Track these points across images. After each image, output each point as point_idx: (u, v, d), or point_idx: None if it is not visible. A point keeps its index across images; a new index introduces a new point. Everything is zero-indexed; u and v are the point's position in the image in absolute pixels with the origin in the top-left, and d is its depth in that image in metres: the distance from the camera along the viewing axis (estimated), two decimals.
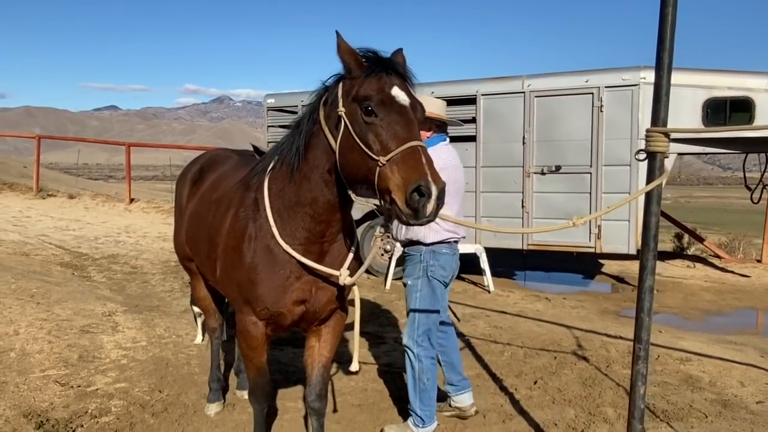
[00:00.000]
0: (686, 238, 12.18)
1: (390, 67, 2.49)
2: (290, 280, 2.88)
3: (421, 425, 3.79)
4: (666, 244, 13.02)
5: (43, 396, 4.33)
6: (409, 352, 3.86)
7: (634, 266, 9.78)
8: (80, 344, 5.32)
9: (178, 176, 4.44)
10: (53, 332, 5.52)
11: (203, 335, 5.61)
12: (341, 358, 4.83)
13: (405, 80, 2.52)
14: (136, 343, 5.52)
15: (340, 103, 2.51)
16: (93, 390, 4.46)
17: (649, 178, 2.75)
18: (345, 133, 2.48)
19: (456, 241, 4.07)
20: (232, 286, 3.09)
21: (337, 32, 2.52)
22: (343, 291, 3.02)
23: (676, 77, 8.58)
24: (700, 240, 11.74)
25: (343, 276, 2.86)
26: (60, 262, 9.10)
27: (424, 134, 3.93)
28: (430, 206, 2.24)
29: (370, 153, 2.36)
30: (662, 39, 2.67)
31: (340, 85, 2.57)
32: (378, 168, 2.33)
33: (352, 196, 2.63)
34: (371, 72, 2.45)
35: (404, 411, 4.30)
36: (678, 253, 12.06)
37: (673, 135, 7.99)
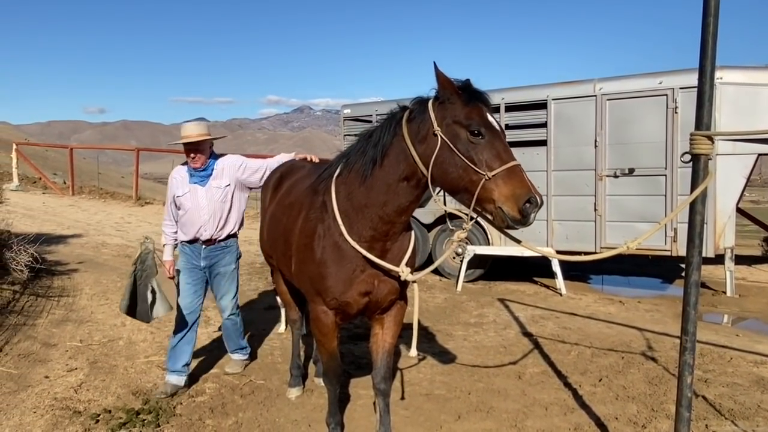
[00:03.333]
0: None
1: (484, 99, 2.92)
2: (356, 273, 3.26)
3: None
4: (753, 248, 12.46)
5: (147, 378, 4.93)
6: (237, 317, 5.13)
7: (718, 271, 9.51)
8: None
9: (263, 183, 4.93)
10: (154, 324, 6.14)
11: (286, 325, 6.09)
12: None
13: (491, 109, 2.95)
14: None
15: (434, 123, 2.90)
16: (189, 374, 5.00)
17: (694, 180, 2.90)
18: (444, 148, 2.86)
19: None
20: (305, 280, 3.51)
21: (434, 63, 2.92)
22: (402, 283, 3.36)
23: (758, 76, 8.39)
24: None
25: (405, 272, 3.21)
26: (158, 264, 9.94)
27: (204, 156, 4.73)
28: (534, 215, 2.69)
29: (475, 168, 2.77)
30: (704, 47, 2.83)
31: (430, 107, 2.95)
32: (483, 181, 2.73)
33: (438, 203, 3.07)
34: (471, 100, 2.87)
35: (470, 402, 4.57)
36: (767, 258, 11.54)
37: (751, 136, 7.73)
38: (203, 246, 4.81)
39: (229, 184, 4.73)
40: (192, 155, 4.65)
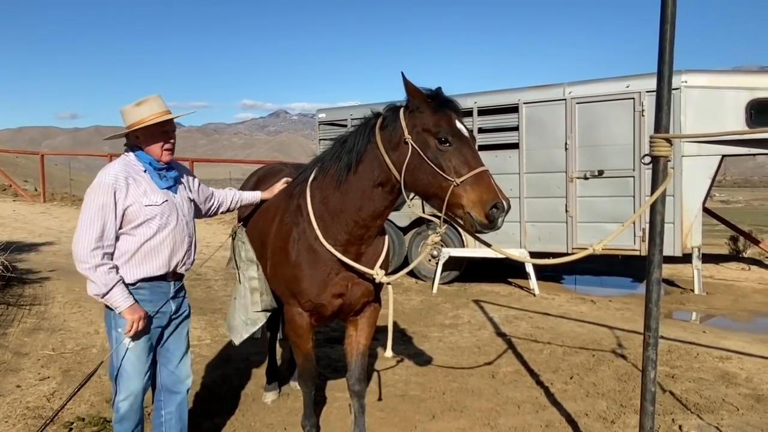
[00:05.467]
0: (742, 240, 11.94)
1: (453, 106, 2.98)
2: (330, 276, 3.32)
3: None
4: (721, 247, 12.78)
5: None
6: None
7: (686, 269, 9.75)
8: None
9: (240, 187, 4.94)
10: None
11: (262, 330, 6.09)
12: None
13: (461, 116, 3.00)
14: (201, 341, 6.06)
15: (405, 131, 2.96)
16: None
17: (654, 181, 3.00)
18: (414, 156, 2.93)
19: None
20: (280, 282, 3.55)
21: (402, 73, 2.98)
22: (376, 285, 3.42)
23: (719, 80, 8.64)
24: (756, 242, 11.51)
25: (380, 275, 3.26)
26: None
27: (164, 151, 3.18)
28: (502, 219, 2.76)
29: (444, 174, 2.83)
30: (662, 53, 2.93)
31: (402, 115, 3.01)
32: (452, 187, 2.79)
33: (412, 208, 3.14)
34: (439, 108, 2.93)
35: (444, 402, 4.64)
36: (733, 256, 11.85)
37: (714, 138, 7.95)
38: (173, 282, 3.26)
39: (195, 197, 3.54)
40: (170, 141, 3.16)
